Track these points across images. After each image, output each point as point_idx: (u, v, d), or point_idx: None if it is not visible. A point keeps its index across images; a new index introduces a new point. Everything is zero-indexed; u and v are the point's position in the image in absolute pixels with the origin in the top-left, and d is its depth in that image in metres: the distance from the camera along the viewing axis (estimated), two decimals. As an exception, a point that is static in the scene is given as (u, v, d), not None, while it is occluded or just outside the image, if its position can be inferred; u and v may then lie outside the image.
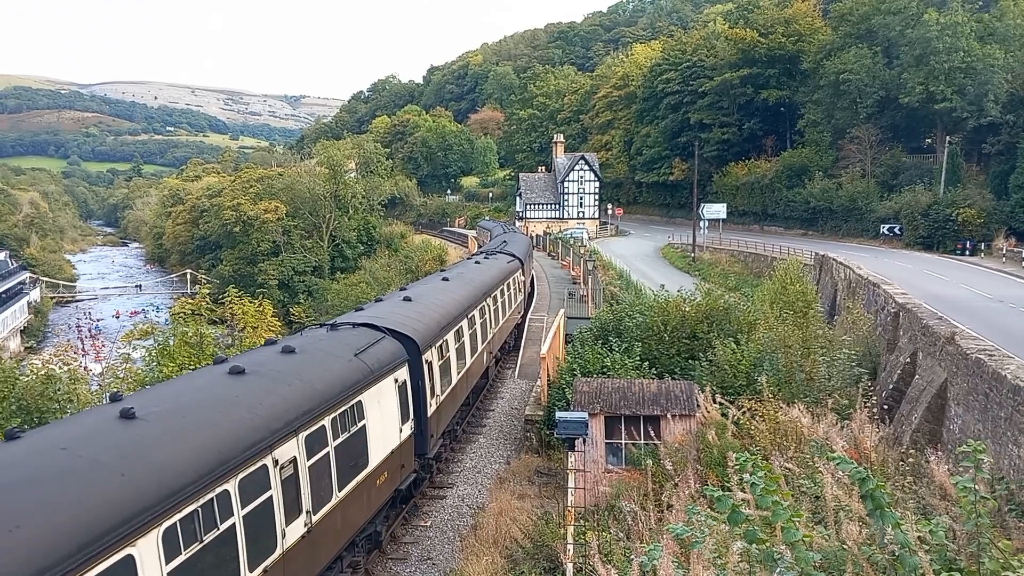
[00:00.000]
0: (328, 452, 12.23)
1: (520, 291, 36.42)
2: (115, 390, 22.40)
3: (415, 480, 17.61)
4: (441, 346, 19.15)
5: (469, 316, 23.06)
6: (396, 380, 15.62)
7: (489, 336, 26.60)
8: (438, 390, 18.46)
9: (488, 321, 26.42)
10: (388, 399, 15.18)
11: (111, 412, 9.21)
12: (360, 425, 13.64)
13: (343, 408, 12.94)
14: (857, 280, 32.61)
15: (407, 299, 20.31)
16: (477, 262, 32.93)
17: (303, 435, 11.36)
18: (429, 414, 17.54)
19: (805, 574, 5.60)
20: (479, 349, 24.51)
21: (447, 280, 25.54)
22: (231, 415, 10.36)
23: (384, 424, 14.87)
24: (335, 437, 12.51)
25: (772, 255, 57.50)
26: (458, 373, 21.01)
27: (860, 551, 6.36)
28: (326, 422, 12.21)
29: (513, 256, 37.32)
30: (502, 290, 30.10)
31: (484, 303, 25.70)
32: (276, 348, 13.75)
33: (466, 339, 22.36)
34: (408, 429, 16.39)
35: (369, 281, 77.17)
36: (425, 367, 17.33)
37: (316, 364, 13.31)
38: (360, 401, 13.66)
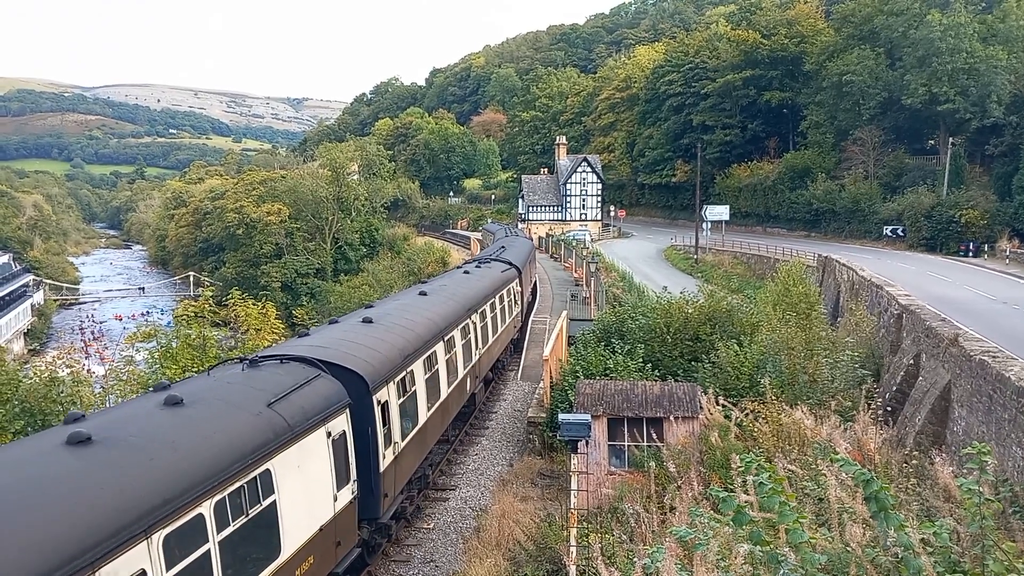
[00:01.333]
0: (208, 550, 8.86)
1: (517, 302, 33.71)
2: (112, 395, 22.48)
3: (369, 546, 14.67)
4: (404, 380, 15.92)
5: (448, 337, 20.08)
6: (330, 433, 12.29)
7: (475, 358, 23.54)
8: (397, 436, 15.13)
9: (474, 341, 23.55)
10: (315, 460, 11.88)
11: None
12: (268, 503, 10.29)
13: (239, 483, 9.58)
14: (860, 282, 32.56)
15: (367, 320, 17.27)
16: (466, 272, 29.73)
17: (161, 535, 8.02)
18: (382, 468, 14.09)
19: (809, 576, 5.58)
20: (461, 375, 21.42)
21: (425, 295, 22.43)
22: (31, 522, 6.93)
23: (309, 494, 11.63)
24: (223, 527, 9.17)
25: (775, 257, 57.43)
26: (429, 409, 17.90)
27: (864, 553, 6.34)
28: (206, 509, 8.86)
29: (509, 264, 34.48)
30: (493, 303, 27.22)
31: (469, 320, 22.89)
32: (158, 399, 10.41)
33: (442, 366, 19.26)
34: (349, 494, 13.07)
35: (372, 283, 77.25)
36: (377, 410, 14.04)
37: (206, 422, 10.10)
38: (269, 469, 10.34)
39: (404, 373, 15.94)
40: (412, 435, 16.26)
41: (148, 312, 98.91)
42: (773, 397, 15.98)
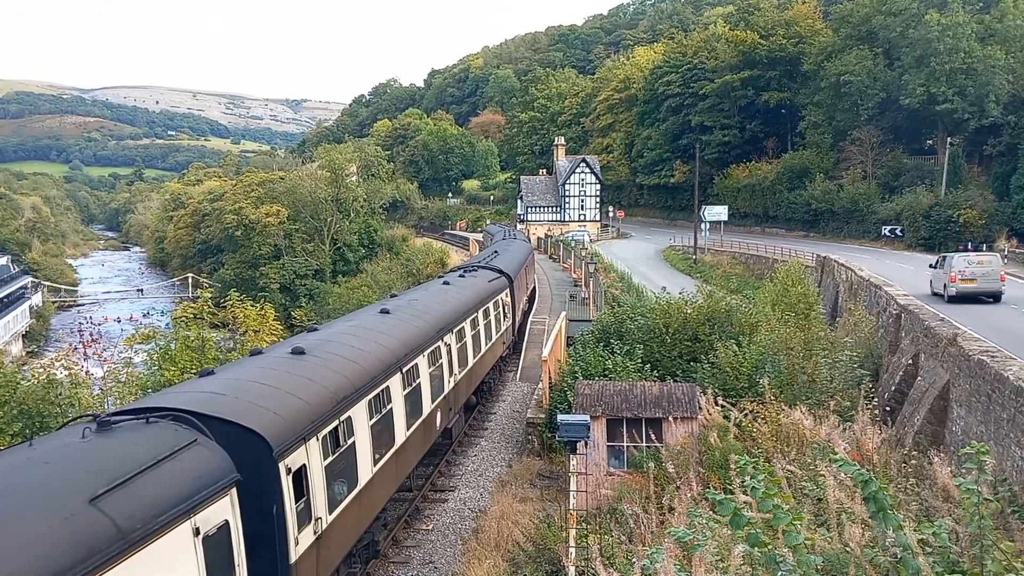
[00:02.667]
0: None
1: (507, 315, 30.61)
2: (111, 396, 22.46)
3: None
4: (337, 432, 12.35)
5: (409, 367, 16.74)
6: (199, 529, 8.47)
7: (449, 386, 20.23)
8: (320, 509, 11.48)
9: (448, 366, 20.28)
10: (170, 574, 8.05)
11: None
12: None
13: None
14: (859, 282, 32.58)
15: (297, 352, 13.58)
16: (446, 283, 26.08)
17: None
18: (294, 558, 10.53)
19: (807, 577, 5.57)
20: (428, 410, 18.01)
21: (387, 313, 18.84)
22: None
23: None
24: None
25: (773, 257, 57.48)
26: (378, 462, 14.33)
27: (862, 553, 6.34)
28: None
29: (499, 272, 31.19)
30: (476, 319, 24.21)
31: (440, 342, 19.54)
32: None
33: (398, 404, 15.82)
34: None
35: (370, 284, 77.28)
36: (287, 481, 10.37)
37: None
38: None
39: (337, 423, 12.33)
40: (348, 501, 12.68)
41: (148, 313, 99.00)
42: (772, 397, 15.97)
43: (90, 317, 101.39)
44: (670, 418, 17.04)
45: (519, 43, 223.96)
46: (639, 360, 21.99)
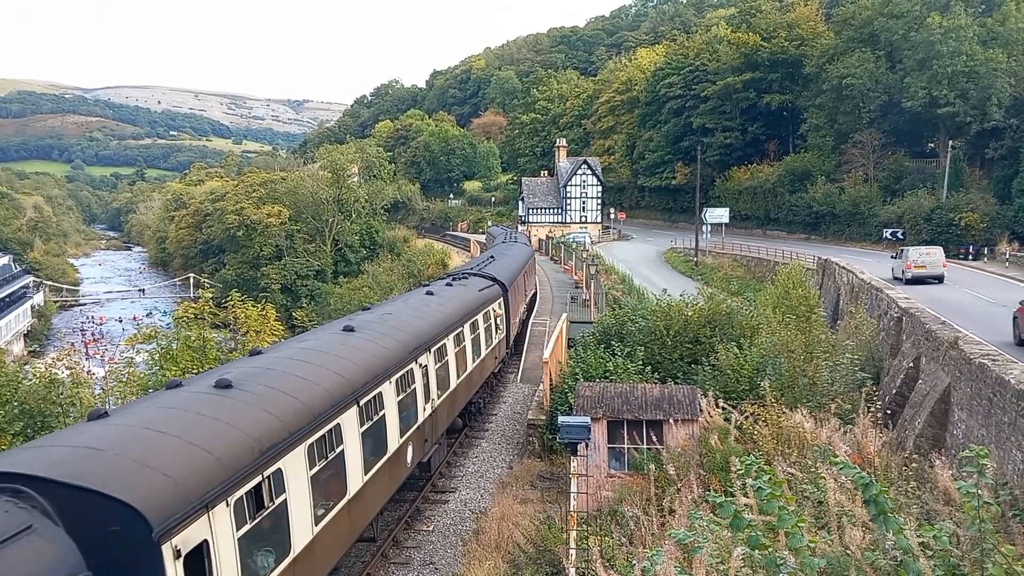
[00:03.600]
0: None
1: (500, 327, 28.13)
2: (116, 395, 22.48)
3: None
4: (257, 491, 9.69)
5: (368, 399, 13.94)
6: None
7: (423, 416, 17.44)
8: None
9: (425, 391, 17.63)
10: None
11: None
12: None
13: None
14: (860, 285, 32.56)
15: (222, 385, 10.91)
16: (430, 292, 23.29)
17: None
18: None
19: (808, 580, 5.58)
20: (394, 447, 15.37)
21: (351, 331, 16.06)
22: None
23: None
24: None
25: (775, 259, 57.46)
26: (321, 519, 11.62)
27: (863, 556, 6.35)
28: None
29: (492, 280, 28.70)
30: (461, 334, 21.61)
31: (414, 365, 16.85)
32: None
33: (352, 444, 13.05)
34: None
35: (372, 285, 77.27)
36: (173, 570, 7.73)
37: None
38: None
39: (260, 479, 9.68)
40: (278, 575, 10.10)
41: (151, 313, 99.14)
42: (773, 400, 15.99)
43: (92, 317, 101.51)
44: (671, 420, 17.05)
45: (521, 44, 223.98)
46: (640, 362, 22.00)
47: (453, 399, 20.75)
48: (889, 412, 19.04)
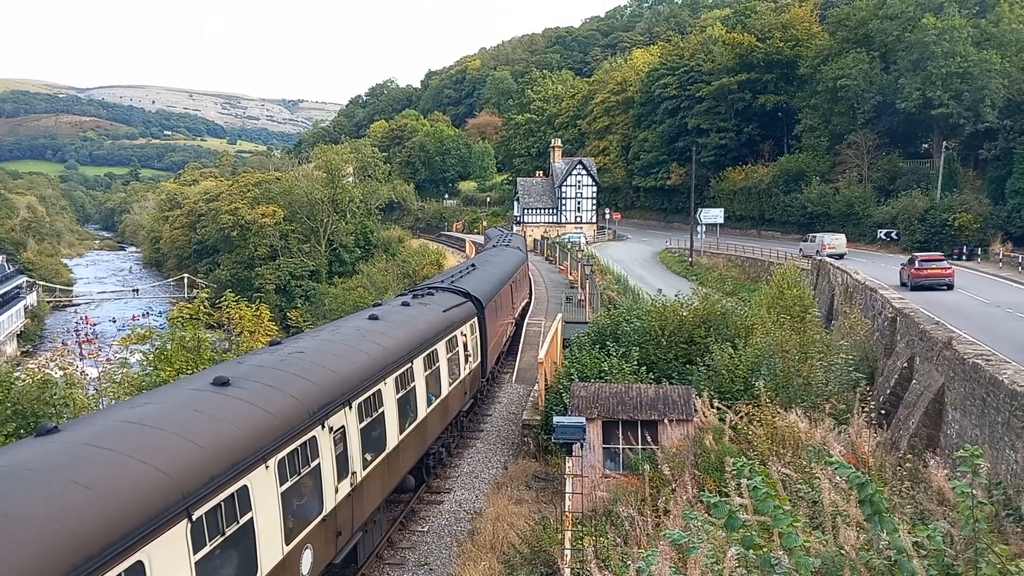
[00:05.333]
0: None
1: (475, 355, 23.76)
2: (106, 397, 22.41)
3: None
4: None
5: (205, 510, 8.46)
6: None
7: (334, 501, 12.41)
8: None
9: (334, 468, 12.39)
10: None
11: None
12: None
13: None
14: (854, 285, 32.64)
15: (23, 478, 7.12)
16: (374, 317, 17.89)
17: None
18: None
19: (802, 580, 5.58)
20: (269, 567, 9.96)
21: (223, 385, 10.83)
22: None
23: None
24: None
25: (769, 260, 57.56)
26: None
27: (858, 556, 6.35)
28: None
29: (464, 296, 24.08)
30: (407, 373, 16.66)
31: (316, 432, 11.65)
32: None
33: (250, 520, 9.46)
34: None
35: (366, 285, 77.23)
36: None
37: None
38: None
39: None
40: None
41: (147, 313, 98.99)
42: (767, 400, 16.01)
43: (83, 317, 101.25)
44: (666, 420, 17.06)
45: (516, 45, 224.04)
46: (635, 362, 22.01)
47: (392, 463, 15.58)
48: (883, 412, 19.08)
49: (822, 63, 76.17)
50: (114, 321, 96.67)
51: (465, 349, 22.44)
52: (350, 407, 13.23)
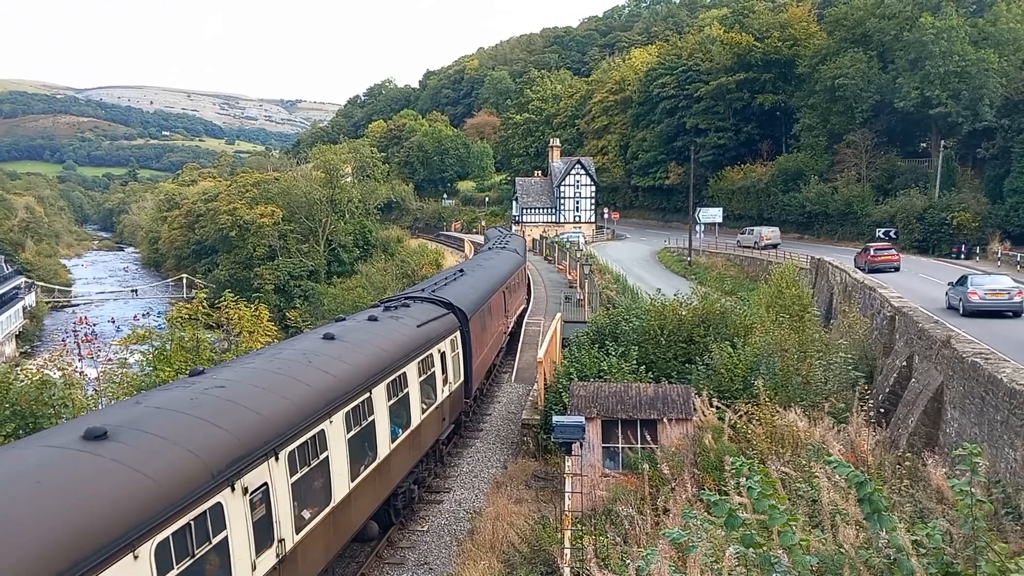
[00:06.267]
0: None
1: (451, 377, 20.84)
2: (105, 397, 22.39)
3: None
4: None
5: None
6: None
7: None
8: None
9: (249, 539, 9.83)
10: None
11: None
12: None
13: None
14: (853, 284, 32.66)
15: None
16: (329, 336, 15.41)
17: None
18: None
19: (802, 578, 5.59)
20: None
21: (99, 439, 8.42)
22: None
23: None
24: None
25: (768, 259, 57.57)
26: None
27: (857, 555, 6.36)
28: None
29: (446, 307, 21.88)
30: (363, 405, 14.19)
31: (223, 497, 9.18)
32: None
33: None
34: None
35: (365, 285, 77.21)
36: None
37: None
38: None
39: None
40: None
41: (147, 313, 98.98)
42: (766, 399, 16.02)
43: (81, 318, 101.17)
44: (665, 419, 17.07)
45: (514, 44, 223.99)
46: (634, 361, 22.02)
47: (341, 516, 13.01)
48: (882, 411, 19.10)
49: (820, 62, 76.18)
50: (113, 321, 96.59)
51: (444, 369, 20.00)
52: (276, 458, 10.60)
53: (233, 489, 9.36)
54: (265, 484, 10.18)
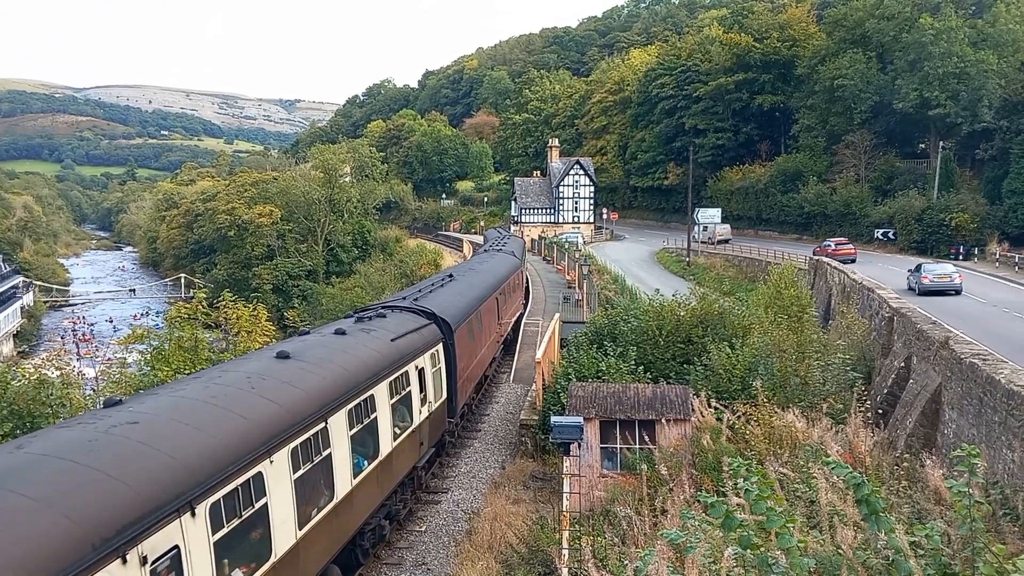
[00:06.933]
0: None
1: (430, 396, 18.71)
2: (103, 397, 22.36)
3: None
4: None
5: None
6: None
7: None
8: None
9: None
10: None
11: None
12: None
13: None
14: (851, 285, 32.69)
15: None
16: (283, 355, 13.22)
17: None
18: None
19: (800, 579, 5.59)
20: None
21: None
22: None
23: None
24: None
25: (767, 259, 57.62)
26: None
27: (855, 556, 6.36)
28: None
29: (428, 317, 19.92)
30: (323, 435, 12.27)
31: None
32: None
33: None
34: None
35: (363, 285, 77.16)
36: None
37: None
38: None
39: None
40: None
41: (146, 312, 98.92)
42: (765, 400, 16.03)
43: (75, 319, 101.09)
44: (663, 420, 17.07)
45: (513, 44, 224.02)
46: (632, 362, 22.01)
47: (286, 571, 10.93)
48: (880, 412, 19.12)
49: (819, 63, 76.25)
50: (111, 321, 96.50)
51: (422, 387, 18.02)
52: (193, 513, 8.54)
53: (125, 561, 7.30)
54: (176, 548, 8.14)
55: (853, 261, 50.43)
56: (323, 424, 12.21)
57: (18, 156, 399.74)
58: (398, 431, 16.17)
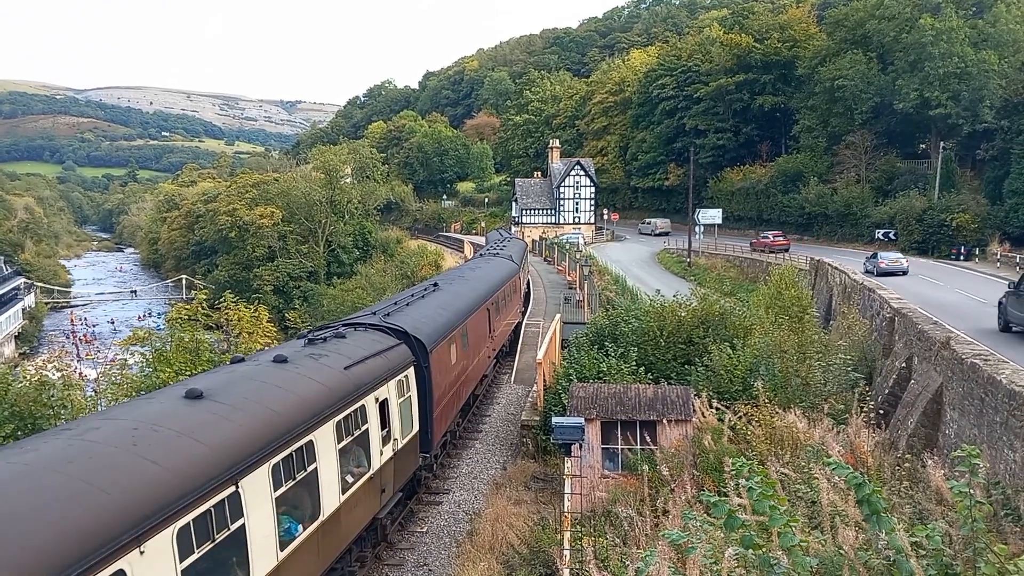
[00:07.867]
0: None
1: (406, 425, 16.51)
2: (105, 398, 22.36)
3: None
4: None
5: None
6: None
7: None
8: None
9: None
10: None
11: None
12: None
13: None
14: (852, 285, 32.67)
15: None
16: (195, 395, 10.22)
17: None
18: None
19: (802, 579, 5.59)
20: None
21: None
22: None
23: None
24: None
25: (767, 260, 57.59)
26: None
27: (856, 556, 6.36)
28: None
29: (399, 336, 17.25)
30: (234, 501, 9.12)
31: None
32: None
33: None
34: None
35: (364, 286, 77.19)
36: None
37: None
38: None
39: None
40: None
41: (148, 313, 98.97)
42: (766, 400, 16.02)
43: (85, 318, 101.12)
44: (664, 421, 17.07)
45: (514, 45, 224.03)
46: (633, 363, 22.01)
47: None
48: (882, 412, 19.10)
49: (820, 64, 76.21)
50: (112, 323, 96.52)
51: (385, 422, 15.10)
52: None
53: None
54: None
55: (786, 251, 61.81)
56: (233, 488, 9.16)
57: (19, 157, 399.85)
58: (350, 479, 13.19)
